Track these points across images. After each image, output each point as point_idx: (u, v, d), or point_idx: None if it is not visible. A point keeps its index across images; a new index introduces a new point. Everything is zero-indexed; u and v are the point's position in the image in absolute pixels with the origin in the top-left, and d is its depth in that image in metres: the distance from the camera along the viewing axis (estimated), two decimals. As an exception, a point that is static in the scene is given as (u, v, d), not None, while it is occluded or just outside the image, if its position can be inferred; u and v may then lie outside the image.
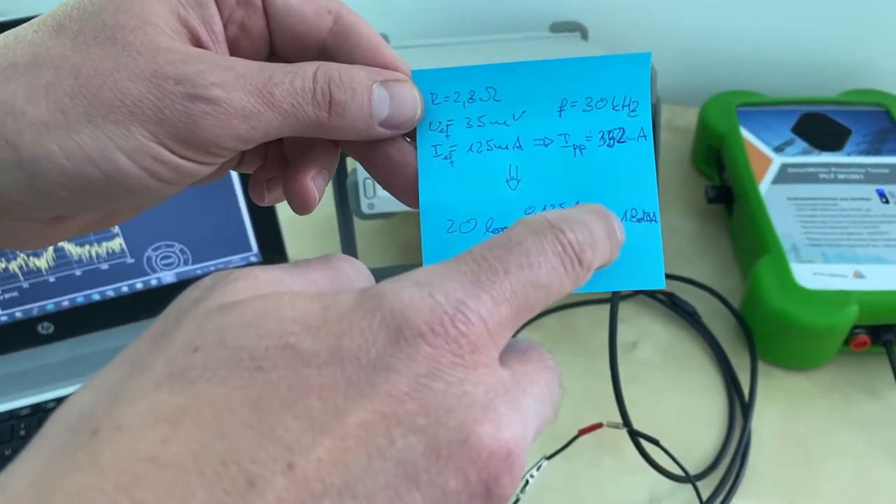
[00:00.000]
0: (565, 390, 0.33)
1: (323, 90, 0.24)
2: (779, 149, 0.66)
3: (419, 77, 0.27)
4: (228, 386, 0.16)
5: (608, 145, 0.26)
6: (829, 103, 0.71)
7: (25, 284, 0.55)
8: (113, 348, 0.56)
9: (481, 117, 0.27)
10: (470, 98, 0.27)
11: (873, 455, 0.52)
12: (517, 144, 0.27)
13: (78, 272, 0.56)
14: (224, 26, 0.25)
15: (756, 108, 0.71)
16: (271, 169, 0.29)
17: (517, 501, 0.48)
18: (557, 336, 0.60)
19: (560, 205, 0.26)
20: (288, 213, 0.29)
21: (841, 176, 0.63)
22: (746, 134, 0.68)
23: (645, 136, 0.26)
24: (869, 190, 0.61)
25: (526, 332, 0.60)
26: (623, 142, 0.26)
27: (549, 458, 0.48)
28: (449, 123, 0.27)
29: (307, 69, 0.24)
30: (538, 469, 0.48)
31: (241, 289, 0.18)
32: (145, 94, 0.22)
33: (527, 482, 0.48)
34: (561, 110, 0.27)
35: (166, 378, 0.16)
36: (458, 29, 0.84)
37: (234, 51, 0.26)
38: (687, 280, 0.63)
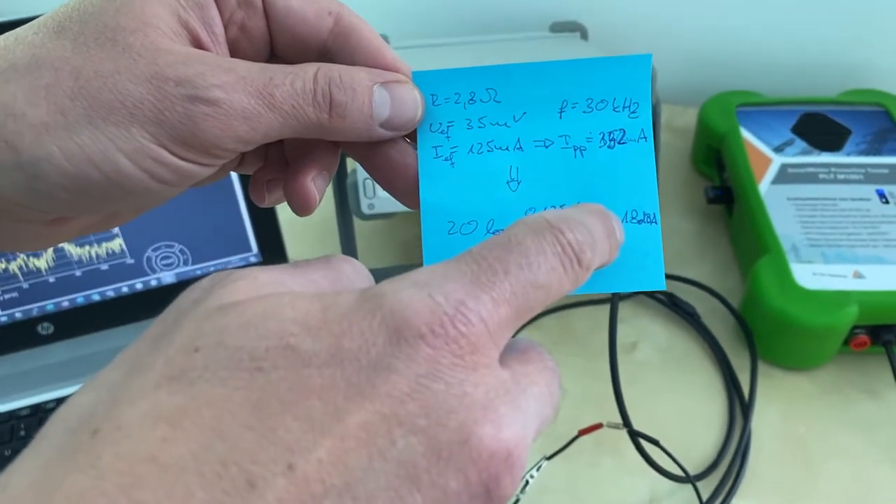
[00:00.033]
0: (565, 391, 0.33)
1: (323, 91, 0.24)
2: (778, 149, 0.66)
3: (420, 78, 0.27)
4: (228, 387, 0.16)
5: (609, 146, 0.26)
6: (829, 103, 0.71)
7: (25, 285, 0.55)
8: (113, 349, 0.56)
9: (482, 118, 0.27)
10: (470, 99, 0.27)
11: (873, 455, 0.52)
12: (518, 146, 0.27)
13: (78, 273, 0.56)
14: (224, 28, 0.25)
15: (756, 109, 0.71)
16: (272, 170, 0.29)
17: (517, 502, 0.48)
18: (557, 336, 0.60)
19: (560, 206, 0.26)
20: (288, 214, 0.29)
21: (841, 176, 0.63)
22: (746, 134, 0.68)
23: (645, 138, 0.26)
24: (868, 190, 0.61)
25: (526, 333, 0.60)
26: (623, 143, 0.26)
27: (549, 459, 0.48)
28: (449, 125, 0.27)
29: (308, 70, 0.24)
30: (538, 469, 0.48)
31: (241, 289, 0.18)
32: (146, 96, 0.22)
33: (527, 483, 0.48)
34: (561, 111, 0.27)
35: (166, 379, 0.16)
36: (458, 29, 0.84)
37: (235, 52, 0.26)
38: (687, 280, 0.63)
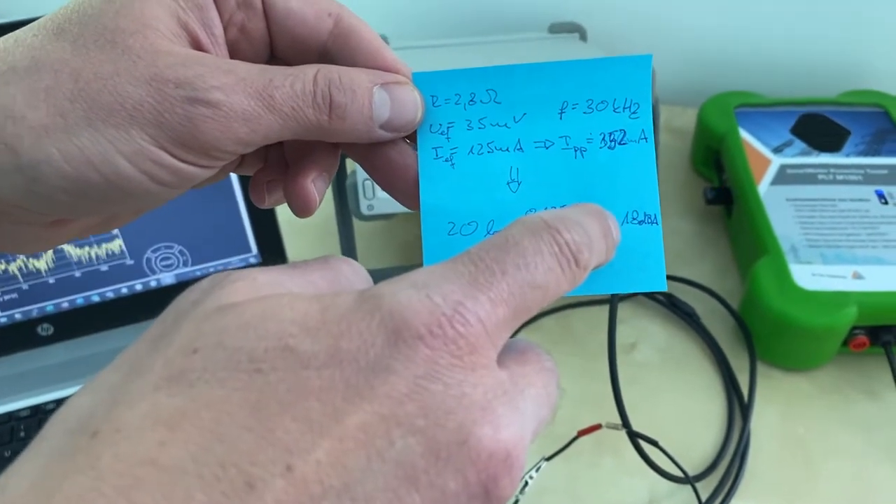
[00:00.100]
0: (564, 391, 0.33)
1: (323, 93, 0.24)
2: (778, 150, 0.66)
3: (420, 79, 0.27)
4: (227, 388, 0.16)
5: (609, 147, 0.26)
6: (828, 104, 0.71)
7: (25, 286, 0.55)
8: (112, 350, 0.56)
9: (482, 119, 0.27)
10: (471, 100, 0.27)
11: (872, 455, 0.52)
12: (518, 146, 0.27)
13: (77, 274, 0.56)
14: (224, 29, 0.25)
15: (755, 109, 0.71)
16: (271, 171, 0.29)
17: (517, 502, 0.48)
18: (556, 337, 0.60)
19: (561, 207, 0.26)
20: (287, 215, 0.29)
21: (840, 177, 0.63)
22: (745, 135, 0.68)
23: (646, 139, 0.26)
24: (868, 191, 0.61)
25: (524, 333, 0.60)
26: (624, 144, 0.26)
27: (549, 460, 0.48)
28: (450, 126, 0.27)
29: (307, 72, 0.24)
30: (537, 470, 0.48)
31: (240, 290, 0.18)
32: (145, 98, 0.22)
33: (526, 483, 0.48)
34: (562, 112, 0.27)
35: (165, 380, 0.16)
36: (458, 30, 0.84)
37: (235, 54, 0.26)
38: (686, 281, 0.63)
